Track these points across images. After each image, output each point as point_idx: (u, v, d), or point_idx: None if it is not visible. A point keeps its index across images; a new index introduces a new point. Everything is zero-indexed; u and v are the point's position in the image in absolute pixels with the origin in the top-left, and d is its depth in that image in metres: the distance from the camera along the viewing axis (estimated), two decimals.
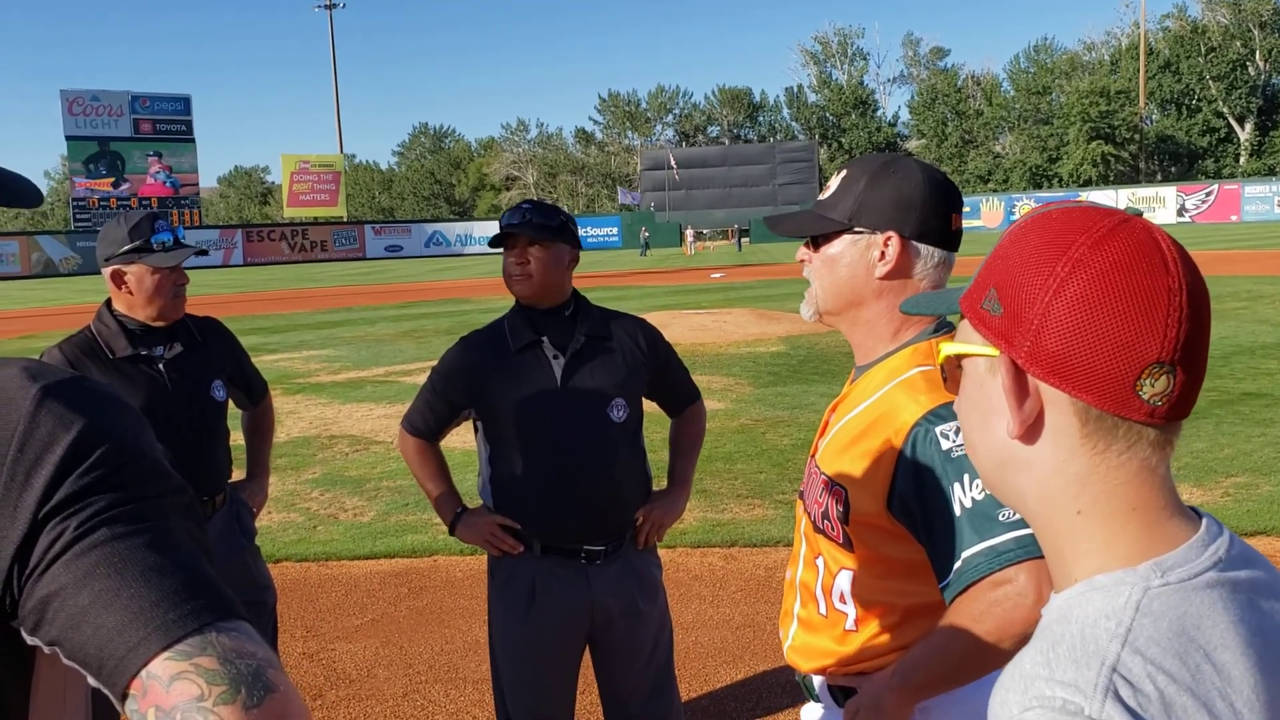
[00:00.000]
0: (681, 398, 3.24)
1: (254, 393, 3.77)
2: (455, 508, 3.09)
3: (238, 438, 3.72)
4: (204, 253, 3.50)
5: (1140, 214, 0.95)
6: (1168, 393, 0.91)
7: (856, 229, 1.87)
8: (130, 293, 3.24)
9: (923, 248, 1.86)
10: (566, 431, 2.89)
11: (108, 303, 3.30)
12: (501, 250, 2.97)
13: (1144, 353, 0.89)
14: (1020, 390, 0.95)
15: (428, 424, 3.10)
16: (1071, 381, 0.91)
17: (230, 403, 3.57)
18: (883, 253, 1.85)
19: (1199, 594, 0.90)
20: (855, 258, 1.88)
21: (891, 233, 1.85)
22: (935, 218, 1.86)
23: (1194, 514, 0.96)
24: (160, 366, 3.28)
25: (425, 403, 3.09)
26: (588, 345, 2.95)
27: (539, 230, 2.89)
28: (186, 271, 3.37)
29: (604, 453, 2.90)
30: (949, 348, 1.03)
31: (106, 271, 3.25)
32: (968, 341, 1.01)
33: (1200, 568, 0.91)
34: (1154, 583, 0.90)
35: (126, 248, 3.20)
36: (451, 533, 3.09)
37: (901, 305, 1.15)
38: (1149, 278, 0.90)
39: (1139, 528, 0.93)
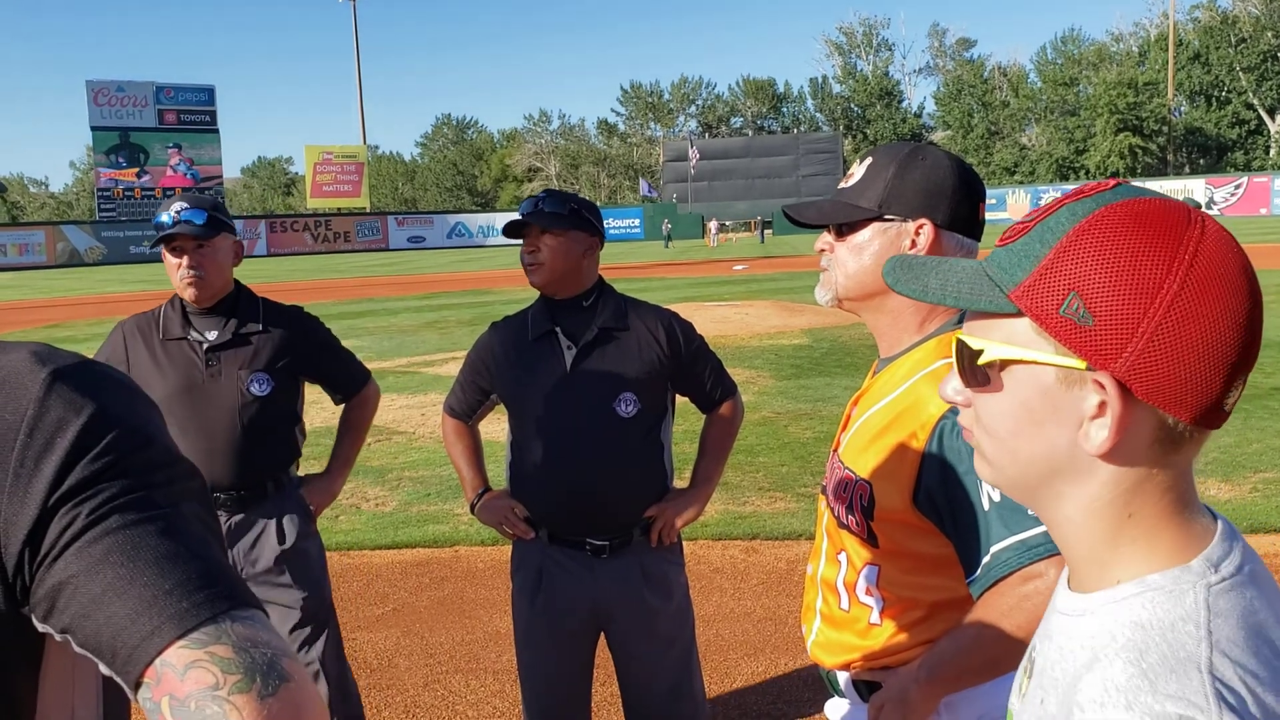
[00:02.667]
0: (711, 394, 3.12)
1: (339, 389, 3.59)
2: (479, 489, 3.14)
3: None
4: (196, 239, 3.16)
5: (1199, 205, 0.92)
6: (1237, 398, 0.89)
7: (887, 216, 1.84)
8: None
9: (954, 236, 1.84)
10: (572, 423, 2.87)
11: None
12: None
13: (1241, 367, 0.87)
14: (1128, 411, 0.88)
15: (462, 406, 3.21)
16: (1172, 400, 0.87)
17: (281, 396, 3.36)
18: (914, 241, 1.82)
19: (1246, 588, 0.88)
20: (884, 246, 1.85)
21: (924, 220, 1.82)
22: (964, 206, 1.84)
23: (1203, 506, 0.95)
24: (202, 350, 3.22)
25: (460, 385, 3.20)
26: (601, 337, 2.91)
27: (550, 219, 2.86)
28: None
29: (609, 448, 2.86)
30: (1001, 351, 0.94)
31: None
32: (1019, 344, 0.93)
33: (1239, 561, 0.89)
34: (1212, 579, 0.87)
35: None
36: (472, 512, 3.12)
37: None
38: (1246, 289, 0.86)
39: (1179, 524, 0.91)
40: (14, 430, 0.94)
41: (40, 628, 0.94)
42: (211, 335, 3.25)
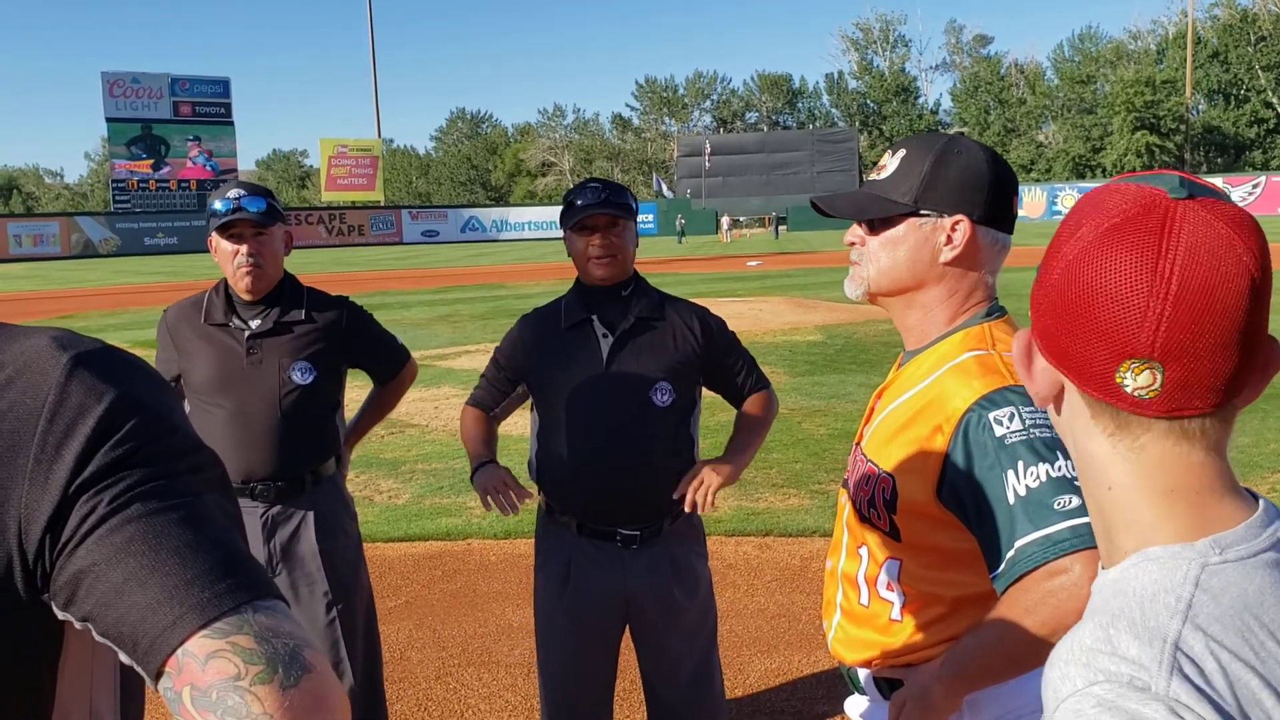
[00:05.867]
0: (744, 388, 3.07)
1: (382, 373, 3.58)
2: (482, 458, 3.03)
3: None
4: (260, 225, 3.17)
5: (1213, 195, 0.90)
6: (1153, 387, 0.88)
7: (922, 211, 1.80)
8: (217, 261, 3.22)
9: (989, 232, 1.80)
10: (607, 411, 2.84)
11: None
12: (562, 233, 2.92)
13: (1121, 346, 0.88)
14: (1025, 359, 1.00)
15: (488, 396, 3.14)
16: (1058, 360, 0.94)
17: (314, 386, 3.29)
18: (949, 237, 1.78)
19: (1260, 572, 0.88)
20: (919, 241, 1.80)
21: (961, 216, 1.78)
22: (999, 200, 1.80)
23: (1251, 496, 0.94)
24: (244, 337, 3.19)
25: (486, 378, 3.14)
26: (638, 326, 2.89)
27: (619, 209, 2.83)
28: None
29: (644, 435, 2.84)
30: None
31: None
32: None
33: (1260, 546, 0.89)
34: (1212, 559, 0.88)
35: (207, 216, 3.20)
36: (471, 479, 3.02)
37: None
38: (1132, 272, 0.87)
39: (1186, 507, 0.91)
40: (35, 416, 0.93)
41: (60, 616, 0.93)
42: (255, 323, 3.22)
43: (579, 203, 2.84)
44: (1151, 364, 0.88)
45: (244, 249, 3.15)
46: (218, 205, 3.15)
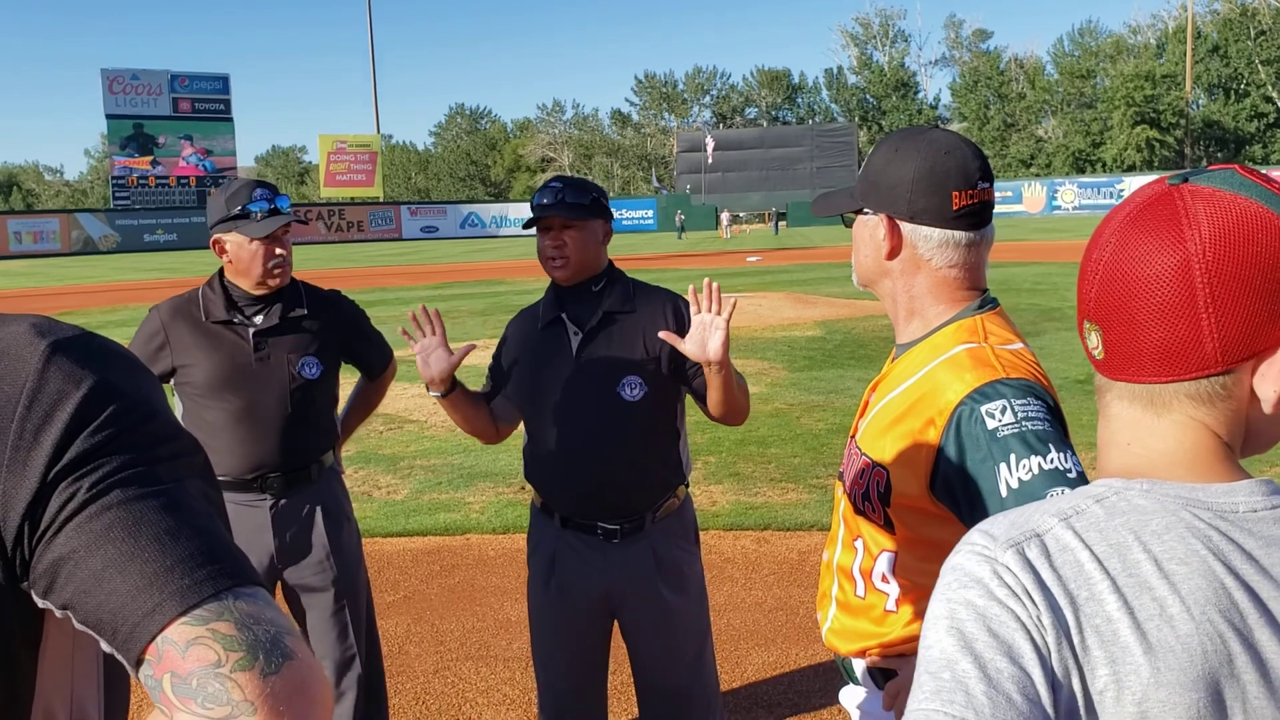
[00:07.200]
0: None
1: (369, 368, 3.64)
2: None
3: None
4: (303, 222, 3.30)
5: (1185, 179, 1.00)
6: (1095, 348, 1.04)
7: (865, 210, 1.87)
8: (230, 261, 3.20)
9: (920, 229, 1.81)
10: (577, 408, 2.85)
11: (220, 269, 3.27)
12: (534, 231, 2.92)
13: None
14: None
15: (486, 383, 3.14)
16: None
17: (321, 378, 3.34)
18: (885, 234, 1.84)
19: (1178, 514, 0.94)
20: (868, 238, 1.88)
21: (883, 214, 1.83)
22: (927, 197, 1.79)
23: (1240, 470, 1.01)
24: (250, 334, 3.20)
25: (488, 376, 3.14)
26: (606, 321, 2.87)
27: (573, 210, 2.81)
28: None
29: (615, 431, 2.82)
30: None
31: (210, 240, 3.24)
32: None
33: (1189, 495, 0.96)
34: (1131, 488, 0.97)
35: (222, 216, 3.17)
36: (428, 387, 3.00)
37: None
38: (1088, 245, 1.05)
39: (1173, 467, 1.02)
40: (13, 402, 0.92)
41: (40, 603, 0.93)
42: (259, 320, 3.23)
43: (535, 202, 2.85)
44: (1090, 325, 1.03)
45: (280, 249, 3.19)
46: (252, 207, 3.13)
